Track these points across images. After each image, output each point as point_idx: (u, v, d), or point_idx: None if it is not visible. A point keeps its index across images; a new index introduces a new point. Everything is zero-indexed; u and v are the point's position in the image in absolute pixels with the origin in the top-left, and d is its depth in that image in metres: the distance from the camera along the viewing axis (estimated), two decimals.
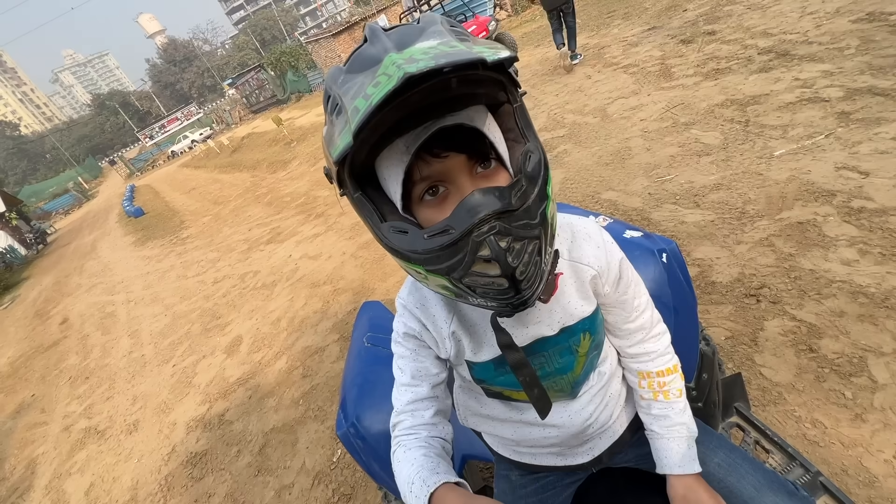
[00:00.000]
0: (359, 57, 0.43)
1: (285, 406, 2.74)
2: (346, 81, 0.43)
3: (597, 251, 0.63)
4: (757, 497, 0.71)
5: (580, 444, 0.73)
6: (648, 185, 2.97)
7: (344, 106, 0.41)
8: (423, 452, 0.57)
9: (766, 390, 1.57)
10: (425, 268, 0.46)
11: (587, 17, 8.95)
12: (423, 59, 0.36)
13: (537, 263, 0.47)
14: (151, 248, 9.12)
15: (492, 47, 0.41)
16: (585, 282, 0.63)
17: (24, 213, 25.11)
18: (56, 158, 73.80)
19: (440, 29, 0.43)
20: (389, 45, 0.41)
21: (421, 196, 0.49)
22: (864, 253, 1.84)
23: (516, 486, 0.79)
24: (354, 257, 4.17)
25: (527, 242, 0.45)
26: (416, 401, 0.63)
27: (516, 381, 0.61)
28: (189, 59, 71.97)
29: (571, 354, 0.64)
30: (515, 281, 0.45)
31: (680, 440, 0.70)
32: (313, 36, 27.72)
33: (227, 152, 19.10)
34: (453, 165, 0.48)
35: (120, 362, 4.61)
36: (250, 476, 2.38)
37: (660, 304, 1.09)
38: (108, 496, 2.79)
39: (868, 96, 2.74)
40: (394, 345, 0.67)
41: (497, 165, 0.50)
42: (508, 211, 0.43)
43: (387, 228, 0.47)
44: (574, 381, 0.67)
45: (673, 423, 0.71)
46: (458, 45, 0.40)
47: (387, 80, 0.36)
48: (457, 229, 0.42)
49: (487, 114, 0.50)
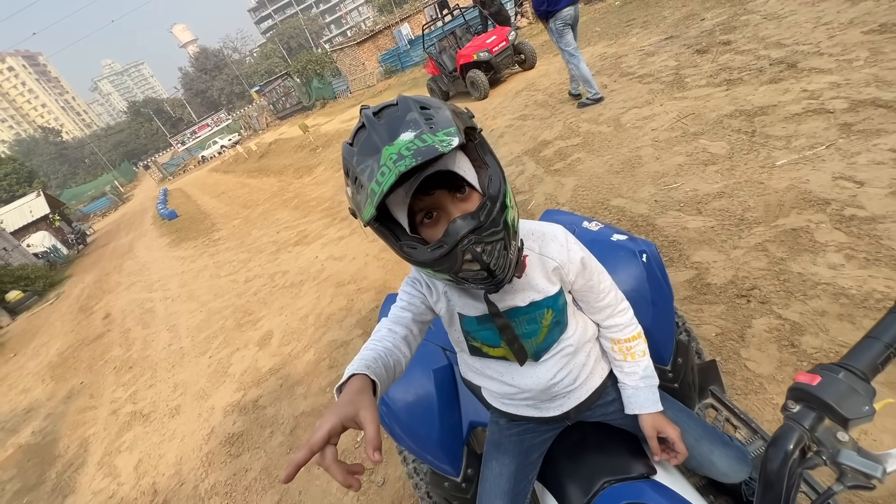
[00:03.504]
0: (364, 143, 0.64)
1: (313, 393, 3.00)
2: (360, 163, 0.62)
3: (560, 248, 0.84)
4: (696, 446, 0.91)
5: (550, 399, 0.93)
6: (655, 193, 3.12)
7: (363, 184, 0.62)
8: (372, 347, 0.77)
9: (749, 381, 1.74)
10: (432, 269, 0.69)
11: (607, 25, 9.07)
12: (407, 156, 0.57)
13: (505, 256, 0.68)
14: (185, 248, 9.63)
15: (448, 134, 0.60)
16: (549, 270, 0.84)
17: (65, 215, 26.53)
18: (94, 163, 77.34)
19: (415, 118, 0.63)
20: (384, 136, 0.61)
21: (421, 221, 0.71)
22: (849, 258, 1.97)
23: (503, 429, 1.01)
24: (377, 258, 4.44)
25: (496, 244, 0.66)
26: (397, 321, 0.84)
27: (492, 337, 0.84)
28: (219, 67, 74.53)
29: (536, 324, 0.84)
30: (491, 271, 0.67)
31: (646, 389, 0.91)
32: (338, 45, 28.48)
33: (255, 157, 19.80)
34: (439, 197, 0.69)
35: (160, 354, 4.98)
36: (283, 453, 2.64)
37: (639, 297, 1.28)
38: (155, 470, 3.10)
39: (871, 108, 2.84)
40: (400, 291, 0.90)
41: (469, 190, 0.70)
42: (479, 227, 0.64)
43: (402, 246, 0.68)
44: (537, 347, 0.87)
45: (640, 376, 0.92)
46: (428, 140, 0.59)
47: (388, 172, 0.57)
48: (447, 245, 0.64)
49: (458, 154, 0.70)
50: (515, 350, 0.84)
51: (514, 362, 0.89)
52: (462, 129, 0.63)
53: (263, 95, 38.53)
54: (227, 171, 21.56)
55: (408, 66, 22.41)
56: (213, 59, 75.46)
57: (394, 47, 24.09)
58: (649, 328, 1.26)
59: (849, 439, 0.51)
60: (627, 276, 1.28)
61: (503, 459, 0.99)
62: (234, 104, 70.60)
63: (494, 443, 1.03)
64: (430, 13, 21.92)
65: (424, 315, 0.87)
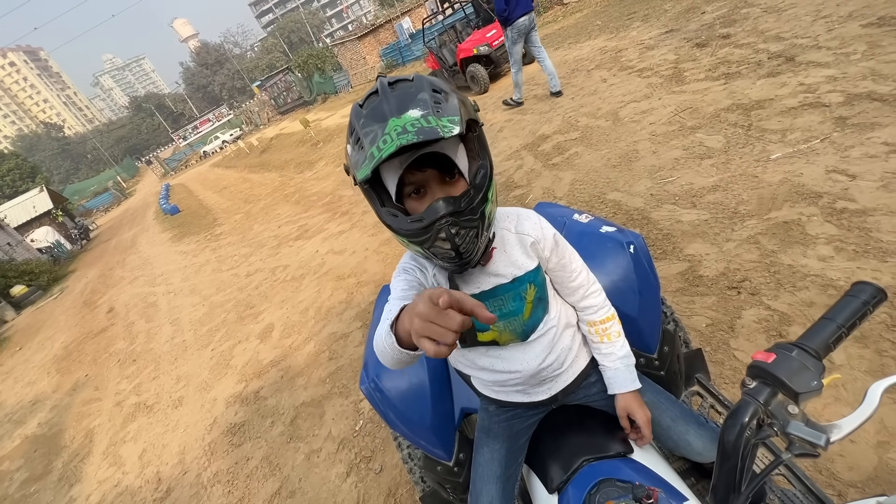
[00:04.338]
0: (373, 109, 0.68)
1: (313, 384, 3.05)
2: (366, 126, 0.68)
3: (533, 226, 0.89)
4: (673, 426, 0.95)
5: (539, 383, 0.97)
6: (651, 187, 3.15)
7: (364, 145, 0.67)
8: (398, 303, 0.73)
9: (738, 370, 1.77)
10: (407, 239, 0.73)
11: (608, 18, 9.04)
12: (410, 132, 0.62)
13: (475, 243, 0.73)
14: (188, 243, 9.70)
15: (452, 122, 0.65)
16: (527, 245, 0.88)
17: (68, 211, 26.65)
18: (96, 158, 77.55)
19: (426, 98, 0.68)
20: (393, 107, 0.66)
21: (409, 193, 0.75)
22: (839, 250, 2.00)
23: (492, 415, 1.05)
24: (377, 252, 4.48)
25: (469, 230, 0.71)
26: (404, 299, 0.83)
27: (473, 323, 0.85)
28: (220, 62, 74.45)
29: (521, 300, 0.88)
30: (460, 253, 0.72)
31: (622, 369, 0.96)
32: (339, 39, 28.35)
33: (256, 153, 19.84)
34: (429, 176, 0.73)
35: (163, 347, 5.05)
36: (283, 443, 2.69)
37: (627, 287, 1.31)
38: (159, 459, 3.17)
39: (866, 102, 2.85)
40: (393, 279, 0.89)
41: (458, 177, 0.75)
42: (458, 212, 0.69)
43: (385, 211, 0.73)
44: (524, 325, 0.90)
45: (616, 357, 0.96)
46: (432, 122, 0.64)
47: (390, 141, 0.62)
48: (426, 220, 0.69)
49: (456, 141, 0.74)
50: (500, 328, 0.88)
51: (503, 346, 0.92)
52: (465, 119, 0.68)
53: (265, 90, 38.50)
54: (228, 167, 21.62)
55: (409, 60, 22.34)
56: (215, 53, 75.37)
57: (395, 41, 24.00)
58: (636, 317, 1.29)
59: (798, 412, 0.55)
60: (615, 266, 1.31)
61: (493, 445, 1.02)
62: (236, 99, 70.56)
63: (485, 429, 1.06)
64: (430, 6, 21.80)
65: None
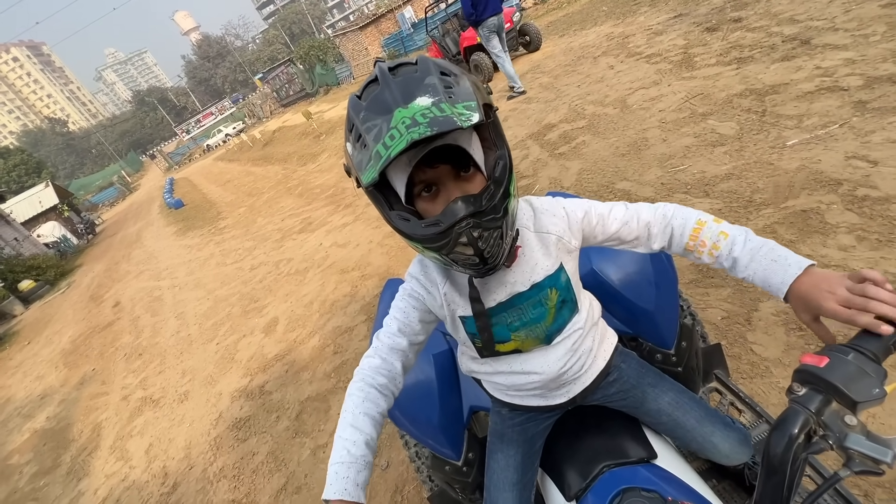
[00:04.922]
0: (375, 100, 0.59)
1: (318, 378, 3.02)
2: (367, 120, 0.59)
3: (555, 219, 0.80)
4: (698, 427, 0.89)
5: (558, 387, 0.90)
6: (662, 175, 3.06)
7: (368, 143, 0.58)
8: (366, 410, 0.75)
9: (755, 364, 1.71)
10: (422, 245, 0.65)
11: (614, 3, 8.85)
12: (422, 123, 0.53)
13: (500, 244, 0.65)
14: (192, 237, 9.69)
15: (468, 108, 0.56)
16: (550, 245, 0.79)
17: (74, 206, 26.80)
18: (101, 153, 77.84)
19: (434, 83, 0.59)
20: (398, 96, 0.57)
21: (419, 193, 0.67)
22: (861, 239, 1.92)
23: (506, 419, 0.99)
24: (381, 245, 4.43)
25: (493, 231, 0.62)
26: (393, 349, 0.81)
27: (500, 331, 0.80)
28: (222, 54, 74.12)
29: (542, 307, 0.80)
30: (484, 257, 0.63)
31: (765, 260, 0.66)
32: (340, 29, 28.08)
33: (259, 146, 19.78)
34: (442, 172, 0.65)
35: (169, 341, 5.05)
36: (289, 438, 2.67)
37: (644, 280, 1.26)
38: (165, 454, 3.16)
39: (888, 84, 2.74)
40: (396, 298, 0.85)
41: (474, 170, 0.66)
42: (479, 212, 0.60)
43: (394, 215, 0.64)
44: (548, 330, 0.82)
45: (753, 255, 0.68)
46: (447, 111, 0.54)
47: (399, 137, 0.53)
48: (444, 224, 0.60)
49: (471, 130, 0.66)
50: (484, 340, 0.81)
51: (525, 352, 0.84)
52: (481, 104, 0.59)
53: (267, 83, 38.31)
54: (231, 160, 21.58)
55: (411, 49, 22.12)
56: (216, 46, 75.00)
57: (397, 31, 23.73)
58: (653, 311, 1.24)
59: (857, 423, 0.49)
60: (631, 260, 1.25)
61: (508, 451, 0.96)
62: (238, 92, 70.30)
63: (498, 434, 1.00)
64: None
65: (419, 335, 0.84)
